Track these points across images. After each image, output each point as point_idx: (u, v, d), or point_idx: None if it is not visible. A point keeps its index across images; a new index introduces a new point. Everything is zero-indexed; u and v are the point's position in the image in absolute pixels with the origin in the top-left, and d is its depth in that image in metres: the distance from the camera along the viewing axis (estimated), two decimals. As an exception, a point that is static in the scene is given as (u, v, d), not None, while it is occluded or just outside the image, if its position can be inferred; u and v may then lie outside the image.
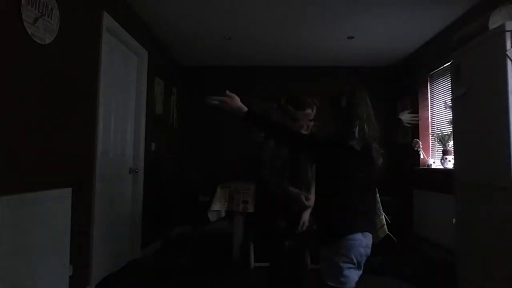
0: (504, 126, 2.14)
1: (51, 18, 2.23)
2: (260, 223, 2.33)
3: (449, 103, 3.38)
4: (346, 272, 1.56)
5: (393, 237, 3.57)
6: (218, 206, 3.63)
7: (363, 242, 1.62)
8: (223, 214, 3.73)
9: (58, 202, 2.28)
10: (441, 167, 3.94)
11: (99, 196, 2.93)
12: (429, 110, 4.60)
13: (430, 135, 4.53)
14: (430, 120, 4.58)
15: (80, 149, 2.68)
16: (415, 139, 4.51)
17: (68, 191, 2.37)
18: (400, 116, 2.29)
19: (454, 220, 2.73)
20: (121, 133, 3.56)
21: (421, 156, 4.51)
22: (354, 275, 1.60)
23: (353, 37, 4.35)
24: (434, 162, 4.37)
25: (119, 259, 3.45)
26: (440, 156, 3.97)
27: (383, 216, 3.53)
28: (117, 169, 3.47)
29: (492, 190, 2.27)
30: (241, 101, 1.69)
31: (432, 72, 4.44)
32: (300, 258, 2.33)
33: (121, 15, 3.28)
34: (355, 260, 1.59)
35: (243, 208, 3.63)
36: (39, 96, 2.19)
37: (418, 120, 2.47)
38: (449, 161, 3.75)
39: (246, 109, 1.67)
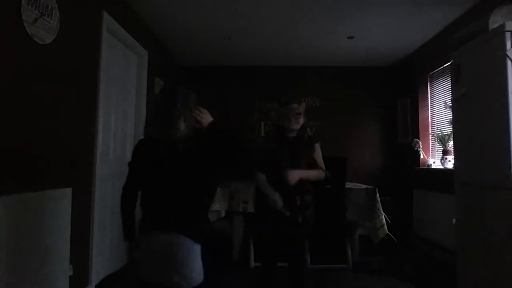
0: (504, 126, 2.14)
1: (51, 18, 2.23)
2: (265, 214, 2.26)
3: (449, 103, 3.38)
4: None
5: (393, 237, 3.59)
6: (218, 206, 3.63)
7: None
8: (223, 214, 3.73)
9: (58, 202, 2.28)
10: (441, 167, 3.94)
11: (99, 196, 2.93)
12: (429, 110, 4.61)
13: (430, 135, 4.54)
14: (430, 120, 4.58)
15: (80, 149, 2.68)
16: (415, 139, 4.51)
17: (68, 191, 2.37)
18: None
19: (454, 220, 2.73)
20: (121, 133, 3.56)
21: (421, 156, 4.51)
22: None
23: (353, 37, 4.35)
24: (434, 162, 4.37)
25: (119, 259, 3.45)
26: (440, 156, 3.97)
27: (383, 216, 3.54)
28: (117, 169, 3.46)
29: (492, 190, 2.27)
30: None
31: (432, 72, 4.44)
32: (299, 256, 2.32)
33: (121, 15, 3.28)
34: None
35: (243, 208, 3.62)
36: (39, 96, 2.19)
37: None
38: (449, 161, 3.75)
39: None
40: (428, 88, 4.60)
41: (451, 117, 2.92)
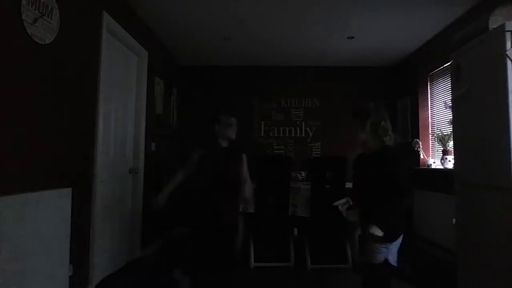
0: (504, 126, 2.14)
1: (51, 18, 2.23)
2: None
3: (449, 103, 3.37)
4: None
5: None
6: (218, 206, 3.62)
7: None
8: (223, 214, 3.71)
9: (58, 202, 2.28)
10: (441, 167, 3.94)
11: (99, 196, 2.93)
12: (429, 110, 4.60)
13: (430, 135, 4.53)
14: (430, 120, 4.58)
15: (80, 149, 2.68)
16: (415, 139, 4.51)
17: (68, 191, 2.37)
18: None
19: (454, 220, 2.72)
20: (121, 133, 3.55)
21: (421, 156, 4.50)
22: None
23: (353, 37, 4.35)
24: (434, 162, 4.36)
25: (119, 259, 3.45)
26: (440, 156, 3.97)
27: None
28: (117, 169, 3.47)
29: (492, 190, 2.27)
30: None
31: (432, 72, 4.44)
32: None
33: (121, 15, 3.28)
34: None
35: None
36: (39, 96, 2.19)
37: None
38: (449, 161, 3.74)
39: None
40: (428, 88, 4.60)
41: (451, 117, 2.92)
